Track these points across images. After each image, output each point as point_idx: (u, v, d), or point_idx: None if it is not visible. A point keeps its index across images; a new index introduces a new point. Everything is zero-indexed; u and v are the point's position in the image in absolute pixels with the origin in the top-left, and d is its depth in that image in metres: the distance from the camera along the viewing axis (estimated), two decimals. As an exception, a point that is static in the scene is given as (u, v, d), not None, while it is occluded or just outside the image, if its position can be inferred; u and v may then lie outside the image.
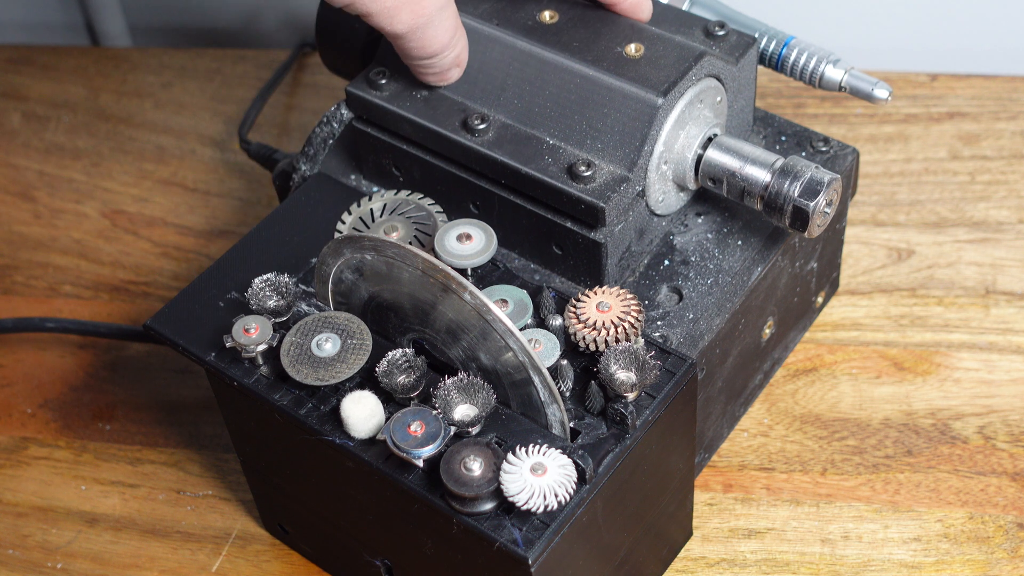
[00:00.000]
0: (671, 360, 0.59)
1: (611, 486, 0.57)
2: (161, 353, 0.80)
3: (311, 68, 0.97)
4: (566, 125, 0.63)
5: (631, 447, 0.57)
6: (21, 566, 0.71)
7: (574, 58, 0.63)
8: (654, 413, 0.58)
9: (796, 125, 0.71)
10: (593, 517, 0.57)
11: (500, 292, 0.61)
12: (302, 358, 0.59)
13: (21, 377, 0.80)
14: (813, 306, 0.75)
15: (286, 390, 0.60)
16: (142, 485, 0.74)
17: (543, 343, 0.59)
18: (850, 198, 0.73)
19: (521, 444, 0.55)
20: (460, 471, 0.55)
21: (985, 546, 0.68)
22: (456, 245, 0.62)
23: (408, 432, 0.56)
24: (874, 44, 0.96)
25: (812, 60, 0.67)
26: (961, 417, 0.73)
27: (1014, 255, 0.80)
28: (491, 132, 0.64)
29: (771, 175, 0.63)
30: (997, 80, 0.90)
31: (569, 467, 0.55)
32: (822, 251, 0.72)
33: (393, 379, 0.57)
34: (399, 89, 0.66)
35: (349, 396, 0.57)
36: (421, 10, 0.61)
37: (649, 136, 0.62)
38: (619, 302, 0.60)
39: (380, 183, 0.69)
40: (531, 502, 0.54)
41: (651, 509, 0.62)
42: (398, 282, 0.58)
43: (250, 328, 0.59)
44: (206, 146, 0.92)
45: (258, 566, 0.71)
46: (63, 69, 0.99)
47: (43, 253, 0.87)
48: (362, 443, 0.58)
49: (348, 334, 0.59)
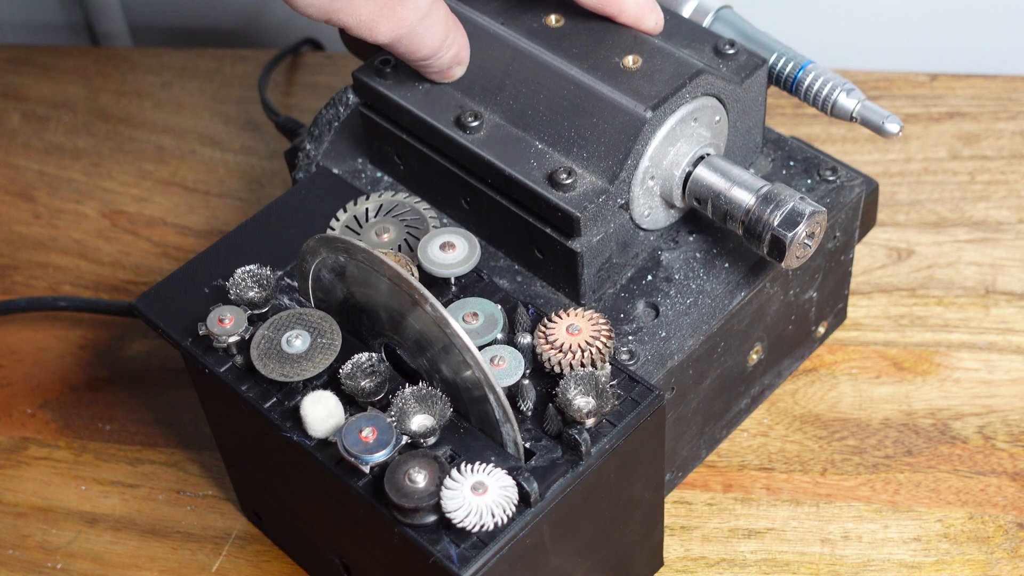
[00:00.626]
0: (637, 389, 0.59)
1: (561, 512, 0.56)
2: (161, 353, 0.80)
3: (311, 68, 0.97)
4: (556, 131, 0.63)
5: (584, 474, 0.56)
6: (21, 566, 0.72)
7: (571, 64, 0.63)
8: (613, 441, 0.57)
9: (809, 150, 0.70)
10: (539, 541, 0.56)
11: (473, 305, 0.61)
12: (271, 352, 0.59)
13: (21, 377, 0.80)
14: (812, 335, 0.74)
15: (254, 382, 0.60)
16: (142, 485, 0.74)
17: (507, 361, 0.58)
18: (859, 229, 0.71)
19: (469, 461, 0.55)
20: (404, 482, 0.55)
21: (985, 546, 0.68)
22: (439, 254, 0.62)
23: (359, 437, 0.56)
24: (874, 44, 0.96)
25: (826, 87, 0.66)
26: (961, 417, 0.73)
27: (1014, 255, 0.80)
28: (483, 130, 0.64)
29: (755, 200, 0.62)
30: (997, 80, 0.90)
31: (512, 489, 0.55)
32: (823, 281, 0.71)
33: (355, 382, 0.57)
34: (403, 79, 0.66)
35: (310, 395, 0.57)
36: (400, 22, 0.60)
37: (634, 150, 0.61)
38: (590, 325, 0.59)
39: (384, 169, 0.70)
40: (467, 520, 0.53)
41: (610, 538, 0.62)
42: (371, 287, 0.58)
43: (224, 318, 0.60)
44: (206, 146, 0.92)
45: (258, 566, 0.71)
46: (63, 69, 0.99)
47: (43, 253, 0.87)
48: (319, 443, 0.58)
49: (319, 333, 0.59)
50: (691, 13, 0.68)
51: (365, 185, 0.70)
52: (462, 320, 0.60)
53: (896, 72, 0.91)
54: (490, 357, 0.58)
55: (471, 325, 0.60)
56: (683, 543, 0.70)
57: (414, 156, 0.67)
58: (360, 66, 0.68)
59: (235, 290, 0.61)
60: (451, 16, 0.63)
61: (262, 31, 1.05)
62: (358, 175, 0.70)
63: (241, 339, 0.60)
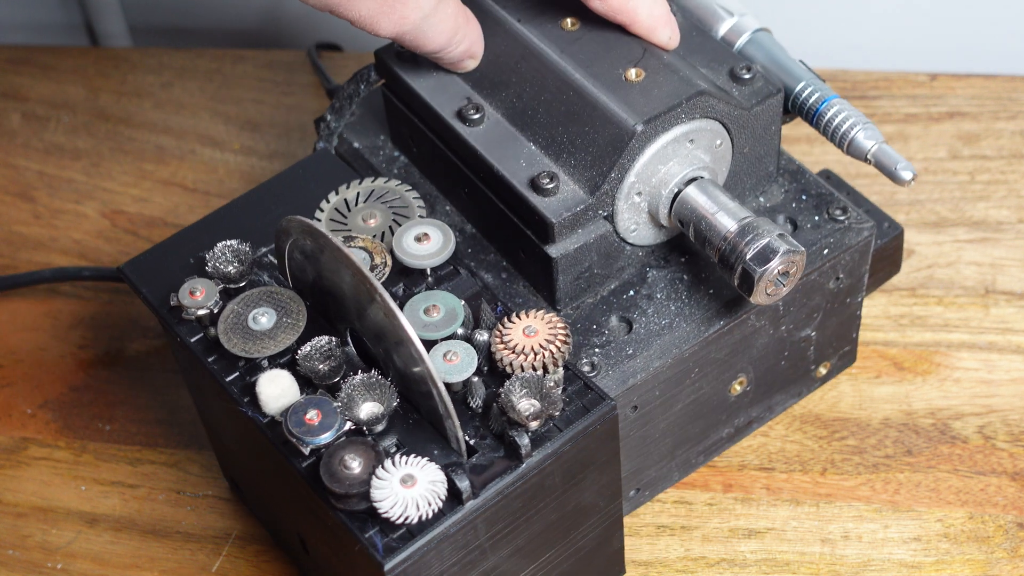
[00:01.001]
0: (589, 397, 0.58)
1: (497, 512, 0.57)
2: (161, 353, 0.80)
3: (311, 68, 0.97)
4: (550, 134, 0.63)
5: (524, 475, 0.56)
6: (21, 566, 0.72)
7: (576, 70, 0.63)
8: (557, 446, 0.57)
9: (825, 186, 0.68)
10: (474, 540, 0.57)
11: (436, 298, 0.61)
12: (236, 328, 0.60)
13: (21, 377, 0.80)
14: (811, 375, 0.72)
15: (220, 355, 0.61)
16: (142, 485, 0.75)
17: (460, 356, 0.58)
18: (877, 274, 0.70)
19: (411, 453, 0.55)
20: (338, 468, 0.55)
21: (985, 546, 0.68)
22: (413, 245, 0.62)
23: (304, 419, 0.57)
24: (874, 44, 0.96)
25: (845, 124, 0.64)
26: (961, 417, 0.73)
27: (1014, 255, 0.80)
28: (483, 124, 0.64)
29: (733, 230, 0.60)
30: (997, 80, 0.90)
31: (441, 484, 0.55)
32: (823, 321, 0.69)
33: (312, 364, 0.58)
34: (420, 63, 0.66)
35: (266, 373, 0.58)
36: (402, 20, 0.60)
37: (619, 163, 0.61)
38: (547, 329, 0.59)
39: (400, 148, 0.70)
40: (392, 511, 0.54)
41: (557, 544, 0.62)
42: (337, 275, 0.58)
43: (196, 291, 0.61)
44: (206, 146, 0.92)
45: (258, 566, 0.71)
46: (63, 69, 0.99)
47: (43, 253, 0.87)
48: (272, 421, 0.58)
49: (286, 312, 0.60)
50: (726, 32, 0.67)
51: (381, 163, 0.70)
52: (423, 313, 0.60)
53: (896, 72, 0.91)
54: (444, 352, 0.58)
55: (431, 319, 0.60)
56: (683, 543, 0.70)
57: (423, 140, 0.67)
58: (384, 46, 0.68)
59: (213, 263, 0.62)
60: (463, 11, 0.63)
61: (262, 31, 1.05)
62: (377, 152, 0.71)
63: (210, 312, 0.61)
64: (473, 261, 0.66)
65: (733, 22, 0.67)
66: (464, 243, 0.67)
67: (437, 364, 0.58)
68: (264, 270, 0.63)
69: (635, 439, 0.65)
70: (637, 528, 0.70)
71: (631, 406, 0.63)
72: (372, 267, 0.62)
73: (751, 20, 0.67)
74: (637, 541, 0.70)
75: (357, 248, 0.63)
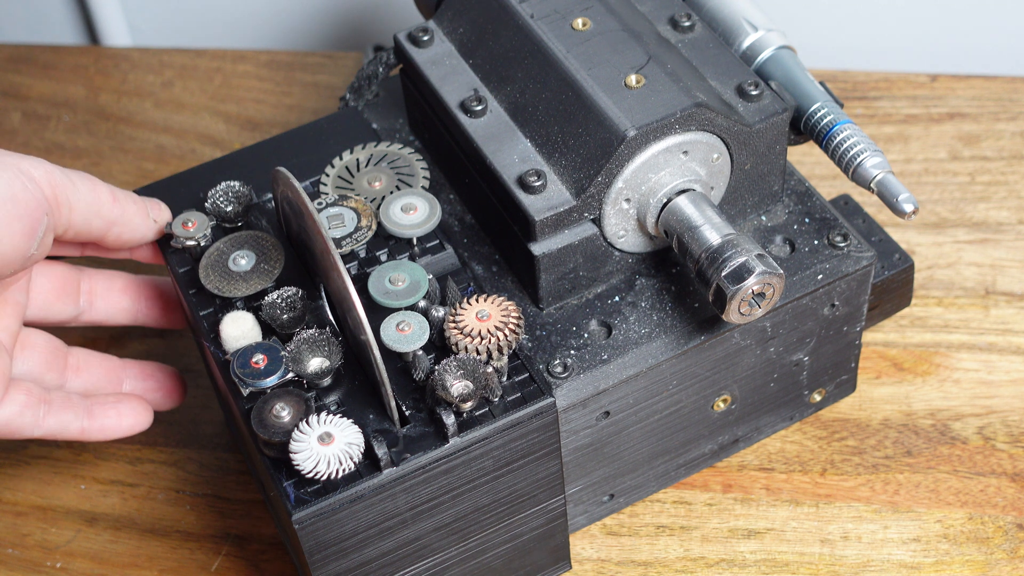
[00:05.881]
0: (531, 389, 0.59)
1: (419, 486, 0.58)
2: (160, 353, 0.80)
3: (311, 68, 0.97)
4: (546, 132, 0.63)
5: (448, 454, 0.57)
6: (20, 565, 0.72)
7: (578, 70, 0.63)
8: (488, 432, 0.58)
9: (832, 211, 0.67)
10: (392, 508, 0.58)
11: (404, 269, 0.62)
12: (216, 266, 0.62)
13: (21, 376, 0.80)
14: (804, 400, 0.71)
15: (199, 290, 0.63)
16: (142, 485, 0.75)
17: (413, 328, 0.59)
18: (879, 304, 0.70)
19: (342, 414, 0.57)
20: (268, 414, 0.57)
21: (984, 546, 0.68)
22: (400, 214, 0.64)
23: (250, 362, 0.59)
24: (874, 44, 0.96)
25: (853, 150, 0.64)
26: (961, 418, 0.73)
27: (1014, 256, 0.80)
28: (484, 117, 0.64)
29: (714, 246, 0.60)
30: (997, 80, 0.90)
31: (358, 447, 0.56)
32: (816, 348, 0.68)
33: (272, 311, 0.60)
34: (435, 52, 0.67)
35: (232, 313, 0.60)
36: None
37: (606, 168, 0.60)
38: (500, 315, 0.59)
39: (415, 133, 0.71)
40: (304, 464, 0.55)
41: (489, 528, 0.62)
42: (311, 234, 0.59)
43: (188, 222, 0.64)
44: (206, 146, 0.92)
45: (257, 566, 0.71)
46: (63, 68, 0.99)
47: (43, 252, 0.87)
48: (227, 360, 0.60)
49: (266, 258, 0.62)
50: (749, 46, 0.67)
51: None
52: (387, 282, 0.61)
53: (896, 72, 0.91)
54: (397, 322, 0.59)
55: (394, 287, 0.61)
56: (683, 543, 0.70)
57: (432, 127, 0.68)
58: (404, 31, 0.69)
59: (212, 200, 0.65)
60: None
61: (262, 31, 1.05)
62: (393, 135, 0.72)
63: (198, 245, 0.63)
64: (467, 252, 0.66)
65: (757, 37, 0.67)
66: (462, 232, 0.67)
67: (390, 332, 0.59)
68: (264, 216, 0.65)
69: (608, 445, 0.65)
70: (636, 528, 0.70)
71: (602, 411, 0.63)
72: (356, 228, 0.63)
73: (776, 37, 0.67)
74: (637, 541, 0.70)
75: (348, 208, 0.64)
